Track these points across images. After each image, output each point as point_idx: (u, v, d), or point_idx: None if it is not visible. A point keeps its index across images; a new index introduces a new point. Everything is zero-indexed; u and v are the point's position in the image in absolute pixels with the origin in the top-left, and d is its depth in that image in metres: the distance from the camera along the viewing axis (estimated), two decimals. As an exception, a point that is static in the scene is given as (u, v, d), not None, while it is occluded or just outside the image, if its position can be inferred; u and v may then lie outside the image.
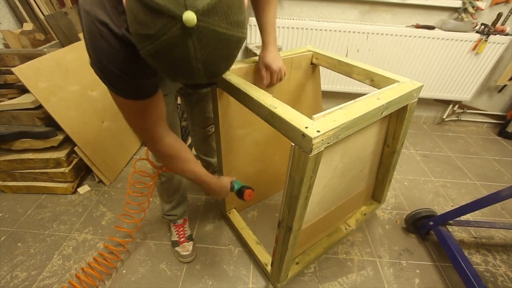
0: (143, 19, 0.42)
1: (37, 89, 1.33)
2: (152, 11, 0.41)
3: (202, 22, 0.41)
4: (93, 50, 0.61)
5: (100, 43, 0.59)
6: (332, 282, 1.21)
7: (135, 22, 0.44)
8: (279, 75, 1.05)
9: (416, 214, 1.37)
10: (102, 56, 0.61)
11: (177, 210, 1.29)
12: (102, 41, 0.59)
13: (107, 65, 0.61)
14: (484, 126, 2.50)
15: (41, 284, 1.16)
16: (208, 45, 0.44)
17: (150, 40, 0.44)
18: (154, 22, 0.41)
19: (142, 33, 0.44)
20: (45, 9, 1.77)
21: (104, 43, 0.59)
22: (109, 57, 0.60)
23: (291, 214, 0.85)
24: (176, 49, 0.43)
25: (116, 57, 0.61)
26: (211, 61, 0.46)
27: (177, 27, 0.41)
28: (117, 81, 0.64)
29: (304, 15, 2.01)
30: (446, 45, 1.97)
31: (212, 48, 0.45)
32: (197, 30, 0.42)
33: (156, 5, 0.40)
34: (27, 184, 1.56)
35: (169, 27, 0.41)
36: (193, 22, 0.40)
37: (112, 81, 0.64)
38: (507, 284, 1.24)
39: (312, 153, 0.69)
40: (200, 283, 1.19)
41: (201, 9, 0.40)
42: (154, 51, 0.45)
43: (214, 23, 0.42)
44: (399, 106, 0.95)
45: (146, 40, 0.44)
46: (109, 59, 0.61)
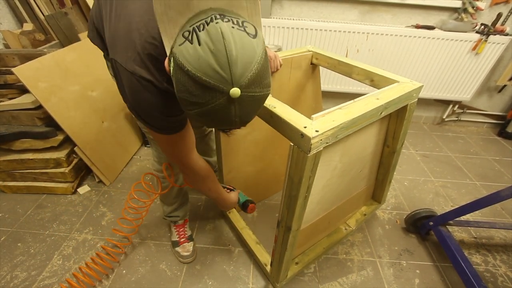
0: (194, 91, 0.49)
1: (37, 89, 1.33)
2: (203, 87, 0.48)
3: (244, 92, 0.49)
4: (135, 101, 0.68)
5: (144, 95, 0.66)
6: (332, 282, 1.21)
7: (185, 92, 0.51)
8: (275, 62, 1.09)
9: (416, 214, 1.37)
10: (145, 105, 0.68)
11: (179, 211, 1.30)
12: (146, 94, 0.66)
13: (150, 111, 0.69)
14: (484, 126, 2.50)
15: (41, 284, 1.16)
16: (246, 106, 0.52)
17: (198, 106, 0.51)
18: (204, 94, 0.49)
19: (191, 100, 0.51)
20: (45, 9, 1.77)
21: (148, 95, 0.66)
22: (152, 105, 0.68)
23: (290, 214, 0.85)
24: (220, 112, 0.51)
25: (158, 104, 0.68)
26: (246, 115, 0.56)
27: (224, 99, 0.49)
28: (158, 121, 0.71)
29: (304, 15, 2.01)
30: (446, 45, 1.97)
31: (249, 107, 0.53)
32: (239, 98, 0.49)
33: (207, 84, 0.47)
34: (27, 184, 1.56)
35: (217, 98, 0.49)
36: (238, 94, 0.48)
37: (153, 122, 0.72)
38: (507, 284, 1.24)
39: (311, 153, 0.69)
40: (200, 283, 1.19)
41: (244, 84, 0.48)
42: (201, 113, 0.53)
43: (252, 91, 0.50)
44: (399, 106, 0.95)
45: (194, 105, 0.52)
46: (152, 107, 0.68)
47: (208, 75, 0.47)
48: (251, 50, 0.49)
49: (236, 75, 0.47)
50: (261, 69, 0.51)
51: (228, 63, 0.46)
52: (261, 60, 0.50)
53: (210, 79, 0.47)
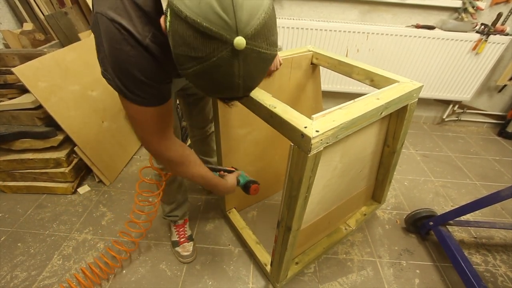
0: (194, 42, 0.45)
1: (37, 89, 1.33)
2: (204, 36, 0.44)
3: (249, 45, 0.45)
4: (114, 57, 0.60)
5: (125, 48, 0.58)
6: (332, 282, 1.21)
7: (183, 45, 0.46)
8: (275, 61, 1.07)
9: (416, 214, 1.37)
10: (126, 63, 0.60)
11: (178, 211, 1.29)
12: (125, 46, 0.58)
13: (132, 71, 0.61)
14: (484, 126, 2.50)
15: (41, 284, 1.16)
16: (251, 63, 0.48)
17: (197, 61, 0.47)
18: (205, 46, 0.44)
19: (190, 55, 0.47)
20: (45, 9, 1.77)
21: (128, 48, 0.58)
22: (130, 60, 0.60)
23: (290, 214, 0.85)
24: (222, 68, 0.47)
25: (143, 63, 0.61)
26: (250, 77, 0.51)
27: (227, 50, 0.44)
28: (139, 88, 0.64)
29: (304, 15, 2.01)
30: (446, 45, 1.97)
31: (253, 66, 0.49)
32: (244, 52, 0.45)
33: (209, 31, 0.43)
34: (27, 184, 1.56)
35: (220, 50, 0.44)
36: (243, 45, 0.44)
37: (133, 88, 0.63)
38: (507, 284, 1.24)
39: (311, 153, 0.69)
40: (200, 283, 1.19)
41: (250, 33, 0.44)
42: (200, 71, 0.48)
43: (258, 45, 0.46)
44: (399, 106, 0.95)
45: (193, 61, 0.47)
46: (129, 62, 0.60)
47: (210, 21, 0.43)
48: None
49: (241, 22, 0.43)
50: (269, 21, 0.47)
51: (232, 6, 0.42)
52: (268, 9, 0.46)
53: (212, 26, 0.43)
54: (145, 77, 0.62)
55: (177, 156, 0.81)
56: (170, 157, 0.80)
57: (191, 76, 0.51)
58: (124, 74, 0.61)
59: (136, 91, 0.64)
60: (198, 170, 0.88)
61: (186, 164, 0.84)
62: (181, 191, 1.26)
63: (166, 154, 0.79)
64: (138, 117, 0.70)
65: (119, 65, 0.61)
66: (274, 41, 0.50)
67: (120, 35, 0.57)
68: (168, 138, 0.77)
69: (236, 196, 1.40)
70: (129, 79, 0.62)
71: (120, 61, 0.60)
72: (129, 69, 0.60)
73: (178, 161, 0.82)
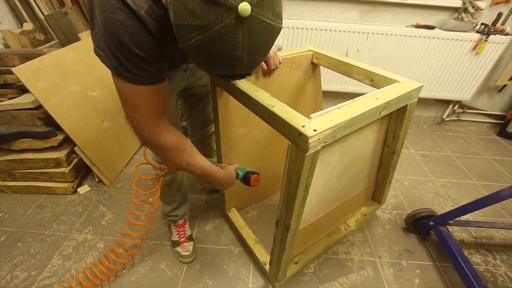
0: (196, 10, 0.43)
1: (37, 89, 1.33)
2: (207, 2, 0.42)
3: (254, 13, 0.43)
4: (108, 27, 0.57)
5: (120, 17, 0.56)
6: (332, 282, 1.21)
7: (185, 14, 0.44)
8: (275, 59, 1.06)
9: (416, 214, 1.37)
10: (120, 33, 0.57)
11: (179, 211, 1.29)
12: (122, 15, 0.55)
13: (127, 43, 0.57)
14: (484, 126, 2.50)
15: (41, 284, 1.16)
16: (255, 34, 0.46)
17: (200, 30, 0.44)
18: (208, 13, 0.43)
19: (192, 24, 0.45)
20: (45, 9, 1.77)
21: (125, 19, 0.56)
22: (130, 34, 0.57)
23: (288, 213, 0.85)
24: (225, 39, 0.45)
25: (138, 35, 0.58)
26: (254, 51, 0.49)
27: (231, 18, 0.43)
28: (134, 63, 0.60)
29: (304, 15, 2.01)
30: (446, 45, 1.97)
31: (258, 37, 0.47)
32: (248, 20, 0.43)
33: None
34: (27, 184, 1.56)
35: (224, 17, 0.43)
36: (248, 12, 0.42)
37: (127, 63, 0.60)
38: (507, 284, 1.23)
39: (309, 152, 0.69)
40: (200, 283, 1.19)
41: (255, 0, 0.42)
42: (202, 42, 0.46)
43: (263, 14, 0.45)
44: (398, 106, 0.95)
45: (195, 31, 0.45)
46: (129, 36, 0.57)
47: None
48: None
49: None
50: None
51: None
52: None
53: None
54: (140, 50, 0.59)
55: (171, 142, 0.76)
56: (164, 143, 0.76)
57: (192, 49, 0.49)
58: (118, 47, 0.58)
59: (130, 66, 0.61)
60: (193, 158, 0.83)
61: (180, 151, 0.80)
62: (181, 191, 1.26)
63: (160, 140, 0.75)
64: (132, 98, 0.67)
65: (113, 36, 0.58)
66: (280, 13, 0.49)
67: (115, 2, 0.55)
68: (162, 123, 0.74)
69: (236, 195, 1.41)
70: (123, 52, 0.59)
71: (114, 31, 0.57)
72: (123, 41, 0.57)
73: (172, 147, 0.77)
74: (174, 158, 0.80)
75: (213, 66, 0.53)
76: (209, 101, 1.24)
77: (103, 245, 1.32)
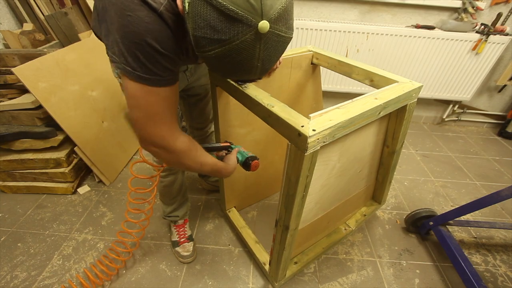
0: (217, 24, 0.45)
1: (37, 89, 1.33)
2: (229, 18, 0.44)
3: (272, 28, 0.46)
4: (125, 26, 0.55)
5: (140, 14, 0.54)
6: (332, 282, 1.21)
7: (206, 27, 0.46)
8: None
9: (416, 214, 1.37)
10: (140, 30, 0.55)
11: (179, 211, 1.30)
12: (142, 12, 0.54)
13: (147, 39, 0.56)
14: (484, 126, 2.50)
15: (41, 284, 1.16)
16: (271, 47, 0.49)
17: (221, 44, 0.47)
18: (229, 29, 0.45)
19: (213, 37, 0.47)
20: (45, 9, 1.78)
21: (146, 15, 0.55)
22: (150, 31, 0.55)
23: (288, 213, 0.85)
24: (243, 51, 0.47)
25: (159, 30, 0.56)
26: (268, 60, 0.52)
27: (251, 34, 0.45)
28: (155, 61, 0.59)
29: (304, 15, 2.01)
30: (446, 45, 1.97)
31: (273, 49, 0.50)
32: (266, 35, 0.46)
33: (235, 14, 0.44)
34: (27, 184, 1.56)
35: (244, 33, 0.45)
36: (267, 29, 0.45)
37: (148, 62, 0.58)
38: (507, 284, 1.23)
39: (308, 152, 0.69)
40: (200, 283, 1.19)
41: (273, 17, 0.45)
42: (222, 54, 0.48)
43: (279, 29, 0.48)
44: (398, 106, 0.95)
45: (216, 43, 0.47)
46: (149, 33, 0.56)
47: (236, 3, 0.43)
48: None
49: (266, 5, 0.44)
50: (289, 5, 0.48)
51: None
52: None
53: (238, 9, 0.43)
54: (162, 47, 0.58)
55: (185, 144, 0.73)
56: (180, 147, 0.72)
57: (211, 59, 0.50)
58: (139, 47, 0.56)
59: (150, 66, 0.59)
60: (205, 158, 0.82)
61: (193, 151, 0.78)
62: (181, 192, 1.26)
63: (176, 143, 0.71)
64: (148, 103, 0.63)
65: (132, 36, 0.56)
66: (292, 25, 0.52)
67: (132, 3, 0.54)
68: (176, 125, 0.71)
69: (236, 195, 1.41)
70: (144, 51, 0.57)
71: (134, 30, 0.55)
72: (145, 39, 0.56)
73: (186, 149, 0.74)
74: (189, 160, 0.77)
75: (228, 73, 0.55)
76: (208, 101, 1.24)
77: (103, 245, 1.32)
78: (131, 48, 0.57)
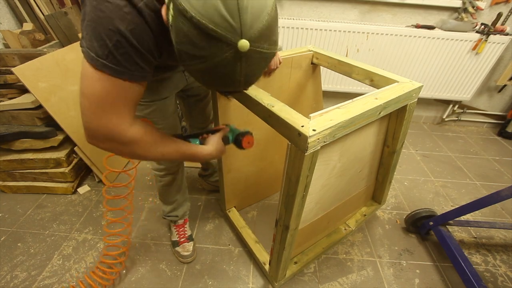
0: (198, 42, 0.45)
1: (37, 89, 1.33)
2: (208, 37, 0.44)
3: (252, 46, 0.46)
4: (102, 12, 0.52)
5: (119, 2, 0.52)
6: (332, 282, 1.21)
7: (187, 43, 0.47)
8: (275, 59, 1.06)
9: (416, 214, 1.37)
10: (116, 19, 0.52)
11: (178, 211, 1.30)
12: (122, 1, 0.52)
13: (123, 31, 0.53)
14: (484, 126, 2.50)
15: (41, 284, 1.16)
16: (253, 63, 0.49)
17: (201, 59, 0.47)
18: (210, 46, 0.45)
19: (193, 53, 0.47)
20: (45, 9, 1.77)
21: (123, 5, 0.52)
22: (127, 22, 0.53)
23: (288, 212, 0.85)
24: (225, 68, 0.48)
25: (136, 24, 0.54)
26: (251, 74, 0.52)
27: (230, 52, 0.45)
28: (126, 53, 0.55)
29: (304, 15, 2.01)
30: (446, 45, 1.97)
31: (255, 65, 0.50)
32: (247, 53, 0.46)
33: (214, 33, 0.44)
34: (27, 184, 1.56)
35: (224, 51, 0.45)
36: (246, 48, 0.45)
37: (117, 53, 0.54)
38: (507, 284, 1.23)
39: (308, 151, 0.69)
40: (200, 283, 1.19)
41: (253, 36, 0.45)
42: (202, 69, 0.49)
43: (260, 46, 0.47)
44: (398, 106, 0.95)
45: (196, 59, 0.48)
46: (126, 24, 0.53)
47: (215, 23, 0.43)
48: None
49: (246, 25, 0.44)
50: (271, 22, 0.47)
51: (238, 9, 0.43)
52: (271, 11, 0.47)
53: (217, 28, 0.43)
54: (137, 41, 0.55)
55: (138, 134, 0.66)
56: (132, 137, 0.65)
57: (193, 71, 0.51)
58: (110, 34, 0.53)
59: (119, 57, 0.55)
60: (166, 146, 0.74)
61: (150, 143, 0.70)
62: (180, 192, 1.26)
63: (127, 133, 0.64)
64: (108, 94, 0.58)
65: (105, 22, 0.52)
66: (275, 40, 0.51)
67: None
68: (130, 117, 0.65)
69: (236, 195, 1.41)
70: (115, 40, 0.53)
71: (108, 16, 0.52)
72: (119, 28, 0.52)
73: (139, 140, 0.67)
74: (145, 151, 0.70)
75: (212, 85, 0.55)
76: (208, 101, 1.24)
77: (103, 245, 1.32)
78: (101, 34, 0.53)
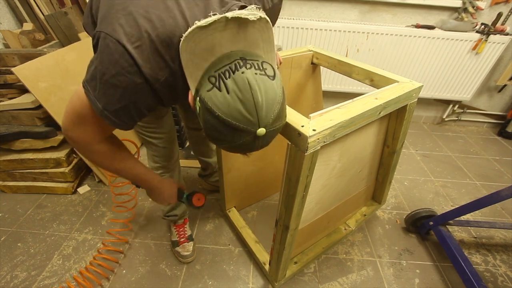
0: (223, 131, 0.54)
1: (37, 89, 1.33)
2: (231, 128, 0.53)
3: (268, 129, 0.54)
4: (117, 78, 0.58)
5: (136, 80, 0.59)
6: (332, 282, 1.21)
7: (214, 131, 0.55)
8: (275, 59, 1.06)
9: (416, 214, 1.37)
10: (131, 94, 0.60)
11: (178, 210, 1.29)
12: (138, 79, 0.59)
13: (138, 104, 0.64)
14: (484, 126, 2.50)
15: (41, 284, 1.16)
16: (269, 137, 0.58)
17: (226, 142, 0.57)
18: (233, 135, 0.54)
19: (220, 138, 0.56)
20: (45, 9, 1.77)
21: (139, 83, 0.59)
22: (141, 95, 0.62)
23: (288, 212, 0.85)
24: (246, 145, 0.57)
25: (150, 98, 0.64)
26: (267, 143, 0.60)
27: (250, 137, 0.54)
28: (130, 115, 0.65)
29: (304, 15, 2.01)
30: (446, 45, 1.97)
31: (270, 138, 0.59)
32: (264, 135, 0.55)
33: (237, 127, 0.52)
34: (27, 184, 1.56)
35: (244, 137, 0.54)
36: (263, 133, 0.54)
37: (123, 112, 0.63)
38: (507, 284, 1.23)
39: (308, 151, 0.69)
40: (200, 283, 1.19)
41: (268, 124, 0.54)
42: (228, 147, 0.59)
43: (275, 126, 0.56)
44: (398, 106, 0.95)
45: (222, 141, 0.57)
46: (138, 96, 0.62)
47: (237, 120, 0.52)
48: (273, 93, 0.54)
49: (262, 118, 0.52)
50: (282, 107, 0.56)
51: (255, 109, 0.51)
52: (280, 99, 0.55)
53: (239, 123, 0.52)
54: (147, 109, 0.67)
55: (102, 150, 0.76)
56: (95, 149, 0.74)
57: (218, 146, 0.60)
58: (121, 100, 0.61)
59: (123, 116, 0.64)
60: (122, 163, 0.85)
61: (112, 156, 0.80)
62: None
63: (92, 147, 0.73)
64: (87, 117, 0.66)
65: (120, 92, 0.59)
66: (285, 114, 0.60)
67: (129, 67, 0.57)
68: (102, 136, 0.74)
69: (236, 195, 1.41)
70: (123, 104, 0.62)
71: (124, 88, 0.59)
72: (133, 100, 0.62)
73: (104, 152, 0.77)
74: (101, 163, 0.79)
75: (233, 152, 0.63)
76: None
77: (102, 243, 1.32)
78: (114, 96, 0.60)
